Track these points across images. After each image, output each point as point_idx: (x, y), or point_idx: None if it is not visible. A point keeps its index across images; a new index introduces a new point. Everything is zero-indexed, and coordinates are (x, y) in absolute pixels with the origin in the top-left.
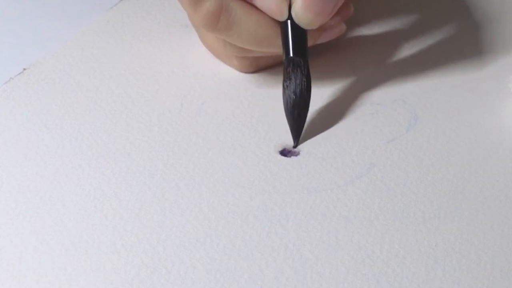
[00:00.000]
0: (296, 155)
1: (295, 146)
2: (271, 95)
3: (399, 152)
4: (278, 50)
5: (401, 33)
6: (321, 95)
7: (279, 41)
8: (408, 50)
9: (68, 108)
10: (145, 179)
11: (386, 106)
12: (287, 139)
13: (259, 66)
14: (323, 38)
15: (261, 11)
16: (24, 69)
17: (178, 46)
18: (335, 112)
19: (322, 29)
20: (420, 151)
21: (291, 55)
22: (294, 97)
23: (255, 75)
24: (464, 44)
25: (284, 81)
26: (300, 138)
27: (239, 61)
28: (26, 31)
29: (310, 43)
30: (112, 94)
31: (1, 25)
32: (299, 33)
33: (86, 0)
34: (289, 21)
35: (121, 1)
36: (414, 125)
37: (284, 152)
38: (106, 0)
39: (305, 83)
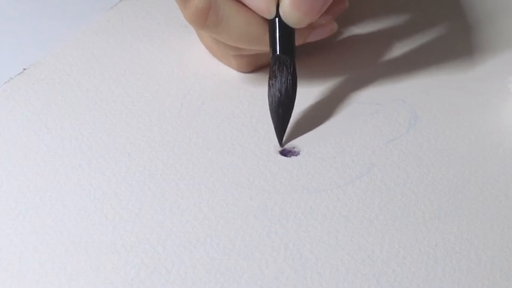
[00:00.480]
0: (296, 155)
1: (281, 145)
2: None
3: (399, 152)
4: (268, 48)
5: (400, 32)
6: (321, 94)
7: (268, 39)
8: (407, 49)
9: (68, 108)
10: (145, 179)
11: (386, 106)
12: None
13: (258, 65)
14: (313, 37)
15: (250, 9)
16: (24, 69)
17: (178, 46)
18: (335, 112)
19: (311, 27)
20: (420, 151)
21: (278, 53)
22: (279, 95)
23: (254, 75)
24: (464, 44)
25: (270, 79)
26: (290, 137)
27: (236, 60)
28: (26, 31)
29: (299, 41)
30: (112, 94)
31: (1, 25)
32: (287, 31)
33: (86, 0)
34: (277, 19)
35: (121, 1)
36: (414, 125)
37: (284, 152)
38: (106, 0)
39: (291, 81)
